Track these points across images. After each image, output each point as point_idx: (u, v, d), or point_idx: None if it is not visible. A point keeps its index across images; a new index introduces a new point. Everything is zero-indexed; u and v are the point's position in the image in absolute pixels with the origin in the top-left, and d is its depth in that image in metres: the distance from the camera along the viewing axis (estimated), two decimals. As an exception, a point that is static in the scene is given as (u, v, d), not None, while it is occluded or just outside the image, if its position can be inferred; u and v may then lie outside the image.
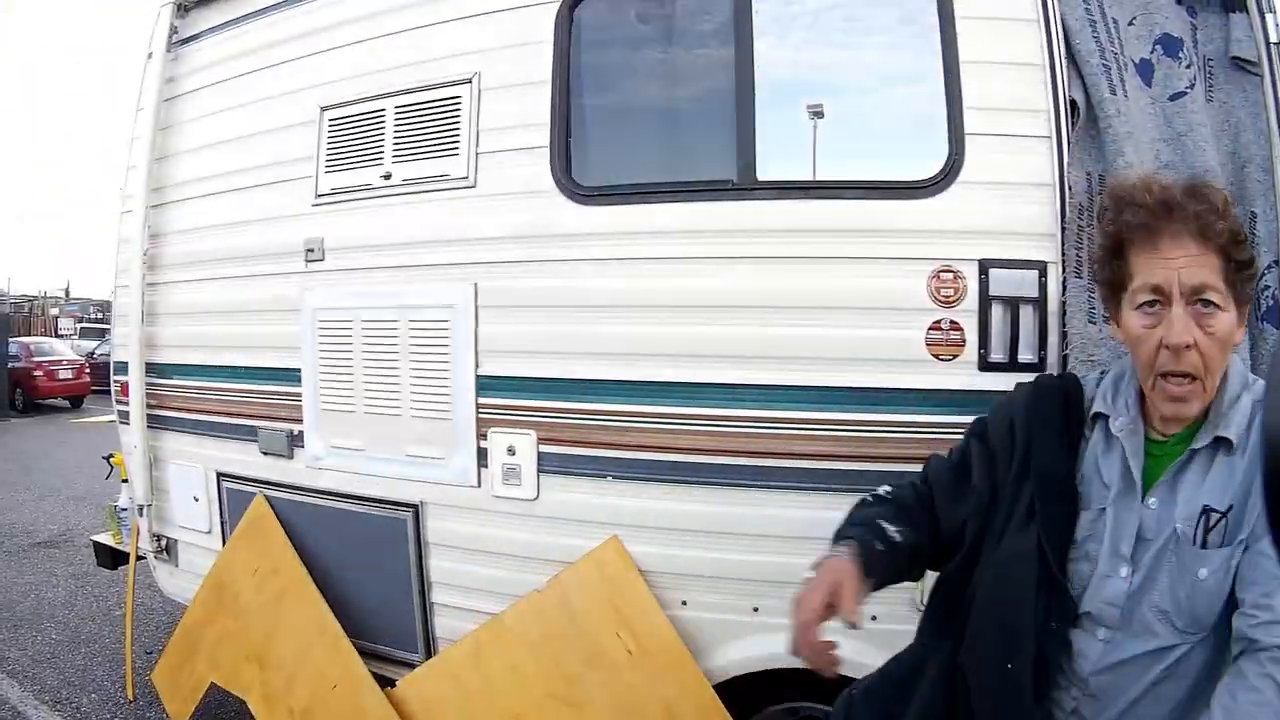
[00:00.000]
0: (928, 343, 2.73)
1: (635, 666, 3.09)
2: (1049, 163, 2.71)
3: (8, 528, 9.25)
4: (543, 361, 3.25)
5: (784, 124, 3.04)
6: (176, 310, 4.38)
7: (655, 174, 3.32)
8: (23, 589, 7.15)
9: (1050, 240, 2.67)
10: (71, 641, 5.98)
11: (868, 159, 2.94)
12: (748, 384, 2.93)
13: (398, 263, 3.54)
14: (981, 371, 2.72)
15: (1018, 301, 2.70)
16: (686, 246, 3.04)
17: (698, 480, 3.01)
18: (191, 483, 4.33)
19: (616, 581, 3.13)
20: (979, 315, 2.70)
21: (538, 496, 3.28)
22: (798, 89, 3.08)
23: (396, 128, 3.57)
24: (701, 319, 3.00)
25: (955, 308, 2.71)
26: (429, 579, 3.57)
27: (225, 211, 4.11)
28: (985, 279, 2.68)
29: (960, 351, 2.73)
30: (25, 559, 8.03)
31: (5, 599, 6.90)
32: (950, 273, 2.70)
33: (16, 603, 6.81)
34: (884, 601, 2.75)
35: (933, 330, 2.73)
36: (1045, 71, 2.73)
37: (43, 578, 7.44)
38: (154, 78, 4.38)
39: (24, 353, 21.33)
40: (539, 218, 3.25)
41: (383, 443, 3.61)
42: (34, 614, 6.54)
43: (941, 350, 2.75)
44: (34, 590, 7.12)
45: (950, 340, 2.74)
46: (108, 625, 6.30)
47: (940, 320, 2.73)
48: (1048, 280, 2.67)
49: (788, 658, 2.76)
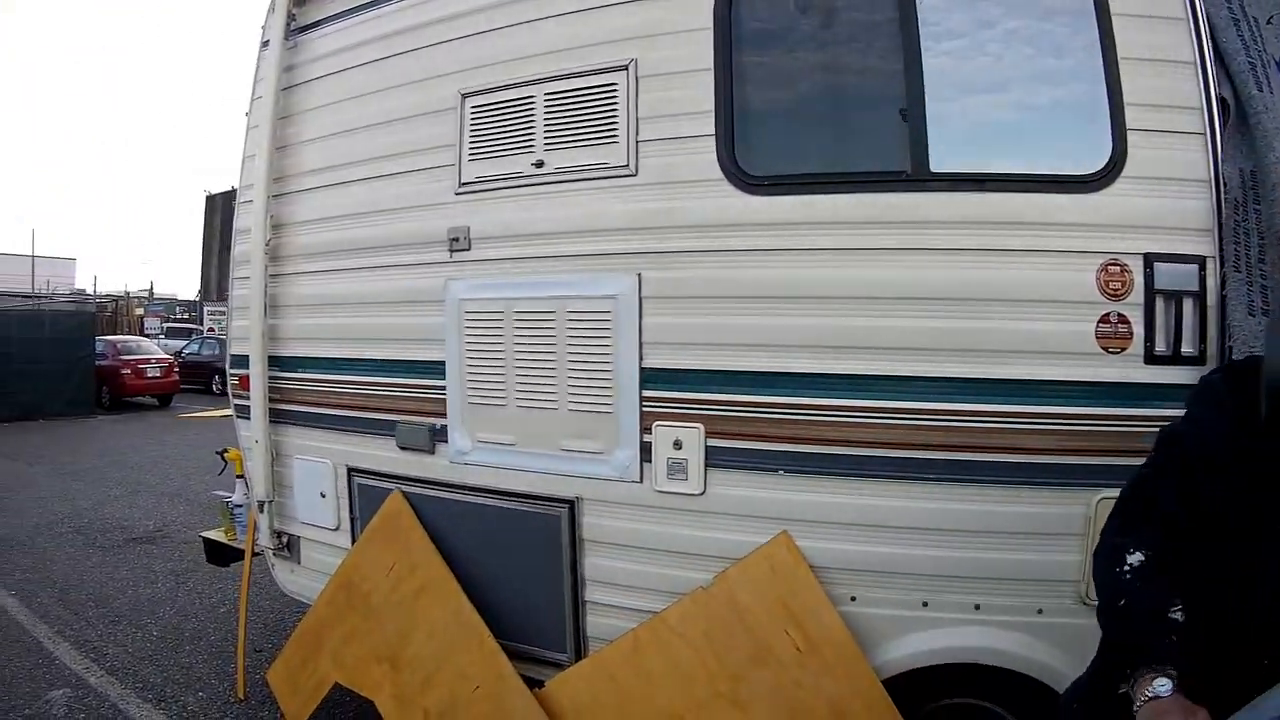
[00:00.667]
0: (1098, 335, 2.74)
1: (803, 664, 3.02)
2: (1204, 159, 2.72)
3: (100, 523, 9.18)
4: (712, 354, 3.16)
5: (948, 116, 2.98)
6: (302, 302, 4.31)
7: (821, 164, 3.23)
8: (119, 585, 7.09)
9: (1207, 235, 2.70)
10: (174, 638, 5.89)
11: (1029, 154, 2.93)
12: (919, 376, 2.89)
13: (553, 252, 3.45)
14: (1147, 364, 2.72)
15: (1180, 295, 2.70)
16: (857, 237, 2.97)
17: (871, 474, 2.95)
18: (319, 478, 4.26)
19: (787, 577, 3.06)
20: (1145, 309, 2.71)
21: (704, 491, 3.19)
22: (961, 81, 3.01)
23: (548, 115, 3.48)
24: (874, 311, 2.94)
25: (1123, 301, 2.73)
26: (583, 576, 3.48)
27: (356, 201, 4.04)
28: (1150, 273, 2.70)
29: (1128, 345, 2.73)
30: (120, 555, 7.90)
31: (101, 594, 6.85)
32: (1118, 266, 2.72)
33: (113, 598, 6.75)
34: (1051, 594, 2.79)
35: (1102, 323, 2.74)
36: (1197, 68, 2.74)
37: (140, 574, 7.37)
38: (272, 66, 4.34)
39: (110, 350, 21.25)
40: (707, 207, 3.17)
41: (537, 437, 3.52)
42: (132, 610, 6.46)
43: (1111, 343, 2.74)
44: (131, 586, 7.05)
45: (1119, 333, 2.73)
46: (211, 622, 6.21)
47: (1109, 313, 2.74)
48: (1206, 274, 2.69)
49: (956, 653, 2.66)
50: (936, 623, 2.90)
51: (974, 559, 2.84)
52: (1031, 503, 2.79)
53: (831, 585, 3.00)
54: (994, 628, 2.85)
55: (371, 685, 3.90)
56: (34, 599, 6.71)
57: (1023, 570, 2.81)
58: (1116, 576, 1.80)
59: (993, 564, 2.84)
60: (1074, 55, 2.86)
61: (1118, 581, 1.80)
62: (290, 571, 4.59)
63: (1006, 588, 2.85)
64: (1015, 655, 2.82)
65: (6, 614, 6.38)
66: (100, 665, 5.42)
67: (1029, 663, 2.81)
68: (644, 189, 3.28)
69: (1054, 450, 2.77)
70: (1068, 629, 2.73)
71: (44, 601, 6.65)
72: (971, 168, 2.90)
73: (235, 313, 4.64)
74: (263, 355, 4.37)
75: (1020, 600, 2.83)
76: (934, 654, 2.91)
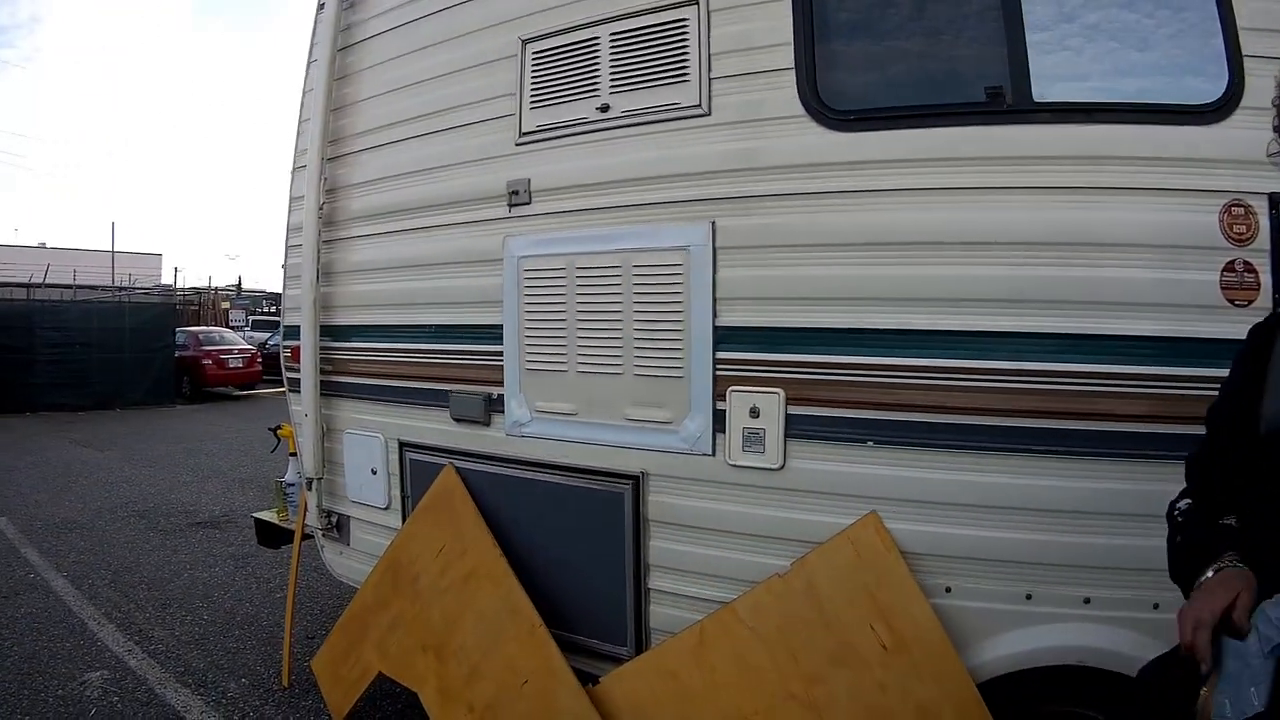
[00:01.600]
0: (1223, 286, 2.40)
1: (888, 664, 2.66)
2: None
3: (166, 508, 9.11)
4: (793, 309, 2.83)
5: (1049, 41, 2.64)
6: (355, 268, 4.09)
7: (912, 96, 2.86)
8: (174, 568, 6.98)
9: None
10: (224, 623, 5.73)
11: (1139, 81, 2.62)
12: (1027, 332, 2.52)
13: (619, 202, 3.16)
14: None
15: (1311, 239, 2.35)
16: (954, 176, 2.63)
17: (972, 446, 2.58)
18: (369, 454, 4.03)
19: (874, 565, 2.70)
20: (1273, 254, 2.39)
21: (783, 465, 2.86)
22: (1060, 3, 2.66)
23: (613, 56, 3.20)
24: (973, 258, 2.59)
25: (1248, 246, 2.40)
26: (646, 561, 3.16)
27: (411, 158, 3.81)
28: (1277, 214, 2.39)
29: (1255, 296, 2.39)
30: (182, 539, 7.83)
31: (155, 577, 6.74)
32: (1241, 207, 2.40)
33: (167, 581, 6.63)
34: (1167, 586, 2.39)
35: (1227, 272, 2.40)
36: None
37: (199, 557, 7.24)
38: (327, 27, 4.15)
39: (191, 341, 21.37)
40: (788, 146, 2.84)
41: (599, 406, 3.23)
42: (185, 594, 6.33)
43: (1236, 295, 2.39)
44: (187, 569, 6.93)
45: (1245, 283, 2.40)
46: (267, 607, 6.04)
47: (1234, 260, 2.40)
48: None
49: (1062, 653, 2.52)
50: (1041, 618, 2.54)
51: (1085, 545, 2.49)
52: (1145, 479, 2.40)
53: (925, 574, 2.65)
54: (1104, 624, 2.49)
55: (416, 676, 3.64)
56: (85, 581, 6.61)
57: (1137, 558, 2.42)
58: (1170, 522, 1.84)
59: (1105, 551, 2.48)
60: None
61: (1172, 526, 1.83)
62: (339, 553, 4.37)
63: (1119, 579, 2.48)
64: (1127, 656, 2.41)
65: (55, 595, 6.28)
66: (143, 648, 5.27)
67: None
68: (718, 129, 2.97)
69: (1172, 418, 2.39)
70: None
71: (95, 584, 6.55)
72: (1077, 97, 2.60)
73: (288, 282, 4.45)
74: (314, 325, 4.18)
75: (1134, 594, 2.45)
76: (1037, 654, 2.55)
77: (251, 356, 22.15)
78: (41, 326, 18.43)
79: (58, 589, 6.40)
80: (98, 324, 19.35)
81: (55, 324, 18.76)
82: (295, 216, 4.33)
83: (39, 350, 18.18)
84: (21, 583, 6.57)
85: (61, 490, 9.97)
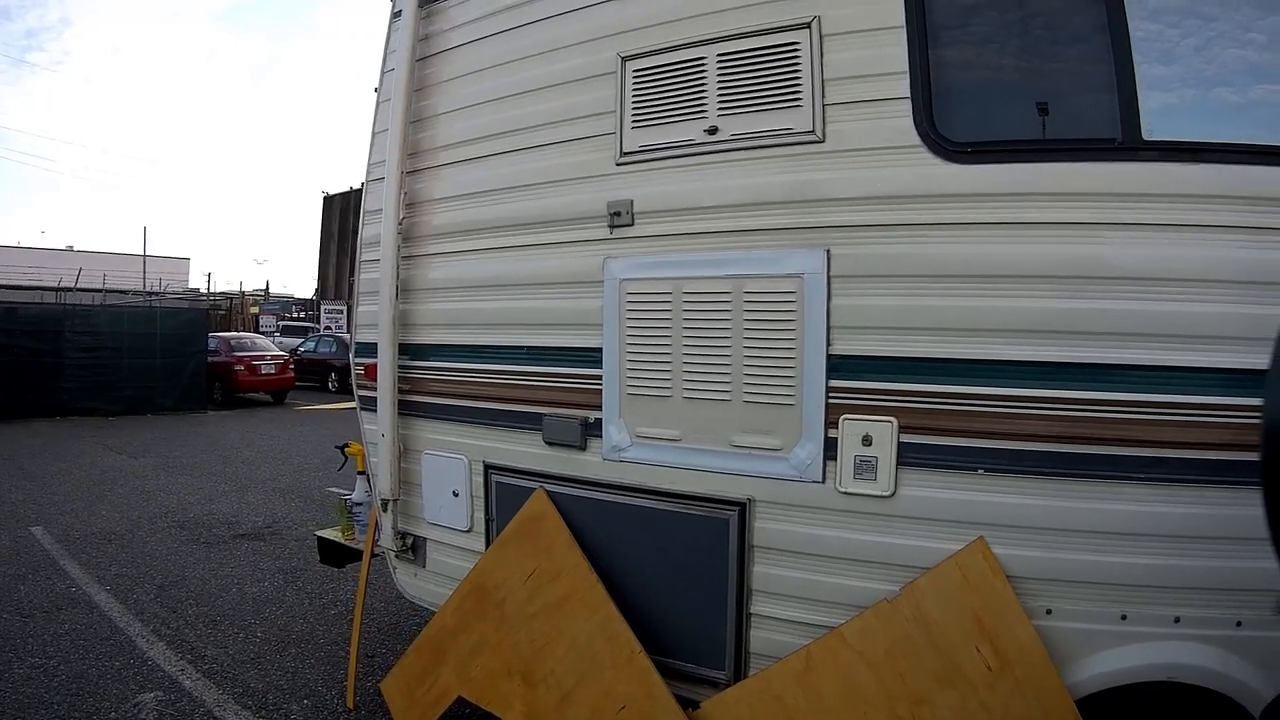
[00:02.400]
0: None
1: (993, 685, 2.75)
2: None
3: (208, 518, 9.07)
4: (908, 339, 2.84)
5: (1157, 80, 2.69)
6: (437, 285, 4.06)
7: (1026, 130, 2.87)
8: (222, 582, 6.92)
9: None
10: (280, 641, 5.65)
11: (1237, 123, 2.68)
12: (1129, 365, 2.60)
13: (729, 227, 3.13)
14: None
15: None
16: (1063, 211, 2.67)
17: (1075, 473, 2.68)
18: (451, 475, 3.99)
19: (981, 589, 2.77)
20: None
21: (894, 493, 2.87)
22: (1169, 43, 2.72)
23: (721, 77, 3.17)
24: (1081, 292, 2.65)
25: None
26: (749, 586, 3.15)
27: (499, 175, 3.78)
28: None
29: None
30: (226, 551, 7.78)
31: (203, 592, 6.68)
32: None
33: (216, 596, 6.57)
34: (1250, 605, 2.58)
35: None
36: None
37: (246, 571, 7.19)
38: (406, 36, 4.11)
39: (223, 347, 21.41)
40: (904, 176, 2.84)
41: (705, 432, 3.20)
42: (236, 609, 6.26)
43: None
44: (236, 584, 6.87)
45: None
46: (321, 624, 5.96)
47: None
48: None
49: (1154, 670, 2.64)
50: (1135, 637, 2.66)
51: (1176, 566, 2.59)
52: (1230, 504, 2.51)
53: (1027, 597, 2.74)
54: (1193, 642, 2.61)
55: (500, 701, 3.61)
56: (129, 595, 6.54)
57: (1222, 579, 2.57)
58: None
59: (1194, 572, 2.59)
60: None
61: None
62: (413, 575, 4.32)
63: (1206, 598, 2.60)
64: (1213, 672, 2.59)
65: (99, 610, 6.21)
66: (197, 668, 5.19)
67: (1227, 681, 2.58)
68: (833, 156, 2.96)
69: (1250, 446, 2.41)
70: (1267, 643, 2.55)
71: (140, 598, 6.48)
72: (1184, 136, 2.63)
73: (362, 298, 4.41)
74: (393, 342, 4.13)
75: (1219, 612, 2.59)
76: (1131, 672, 2.66)
77: (284, 363, 22.16)
78: (72, 330, 18.51)
79: (101, 604, 6.33)
80: (128, 328, 19.40)
81: (86, 328, 18.84)
82: (370, 230, 4.29)
83: (69, 354, 18.27)
84: (63, 597, 6.49)
85: (97, 499, 9.94)
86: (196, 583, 6.86)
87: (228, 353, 21.29)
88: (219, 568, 7.28)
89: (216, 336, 22.30)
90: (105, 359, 18.73)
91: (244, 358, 21.39)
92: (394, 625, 5.83)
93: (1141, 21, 2.66)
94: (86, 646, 5.49)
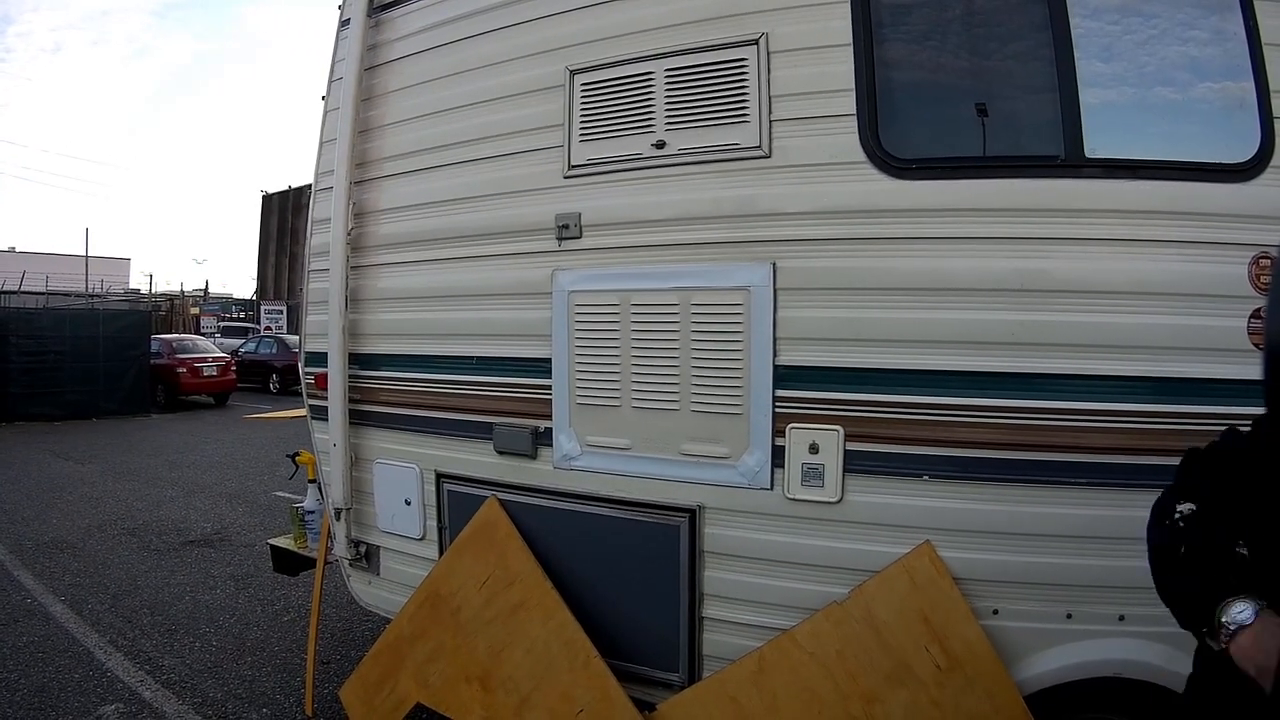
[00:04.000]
0: (1250, 331, 2.58)
1: (943, 683, 2.83)
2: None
3: (157, 525, 8.98)
4: (853, 350, 2.91)
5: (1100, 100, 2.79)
6: (387, 295, 4.06)
7: (969, 147, 2.95)
8: (175, 590, 6.85)
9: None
10: (235, 649, 5.62)
11: (1179, 142, 2.77)
12: (1070, 374, 2.70)
13: (677, 240, 3.18)
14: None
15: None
16: (1007, 226, 2.75)
17: (1018, 478, 2.76)
18: (404, 484, 4.00)
19: (929, 590, 2.85)
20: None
21: (841, 499, 2.95)
22: (1109, 64, 2.81)
23: (669, 92, 3.21)
24: (1023, 305, 2.74)
25: None
26: (701, 591, 3.21)
27: (448, 186, 3.78)
28: None
29: None
30: (177, 558, 7.71)
31: (157, 600, 6.61)
32: (1269, 259, 2.57)
33: (169, 604, 6.51)
34: None
35: (1255, 319, 2.57)
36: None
37: (198, 578, 7.12)
38: (354, 45, 4.09)
39: (166, 349, 21.17)
40: (850, 191, 2.91)
41: (655, 441, 3.25)
42: (190, 618, 6.21)
43: (1263, 339, 2.44)
44: (189, 592, 6.81)
45: None
46: (275, 631, 5.94)
47: (1261, 308, 2.51)
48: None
49: (1100, 666, 2.74)
50: (1080, 635, 2.76)
51: (1120, 567, 2.64)
52: None
53: (974, 598, 2.82)
54: (1138, 639, 2.71)
55: (459, 706, 3.64)
56: (84, 605, 6.47)
57: None
58: (1169, 528, 1.82)
59: (1135, 572, 2.56)
60: (1220, 44, 2.72)
61: (1173, 530, 1.81)
62: (368, 583, 4.32)
63: (1149, 596, 2.61)
64: (1158, 668, 2.67)
65: (55, 621, 6.15)
66: (155, 678, 5.15)
67: (1172, 676, 2.61)
68: (779, 172, 3.01)
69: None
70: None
71: (95, 609, 6.41)
72: (1124, 153, 2.73)
73: (312, 307, 4.38)
74: (343, 352, 4.12)
75: (1162, 610, 2.61)
76: (1077, 668, 2.77)
77: (226, 364, 21.92)
78: (16, 334, 18.09)
79: (57, 615, 6.27)
80: (71, 331, 19.01)
81: (30, 332, 18.43)
82: (319, 239, 4.26)
83: (14, 359, 17.88)
84: (19, 609, 6.42)
85: (46, 507, 9.79)
86: (150, 591, 6.80)
87: (170, 355, 21.04)
88: (171, 575, 7.22)
89: (159, 339, 21.98)
90: (49, 363, 18.36)
91: (186, 360, 21.17)
92: (346, 631, 5.82)
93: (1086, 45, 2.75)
94: (45, 659, 5.44)
